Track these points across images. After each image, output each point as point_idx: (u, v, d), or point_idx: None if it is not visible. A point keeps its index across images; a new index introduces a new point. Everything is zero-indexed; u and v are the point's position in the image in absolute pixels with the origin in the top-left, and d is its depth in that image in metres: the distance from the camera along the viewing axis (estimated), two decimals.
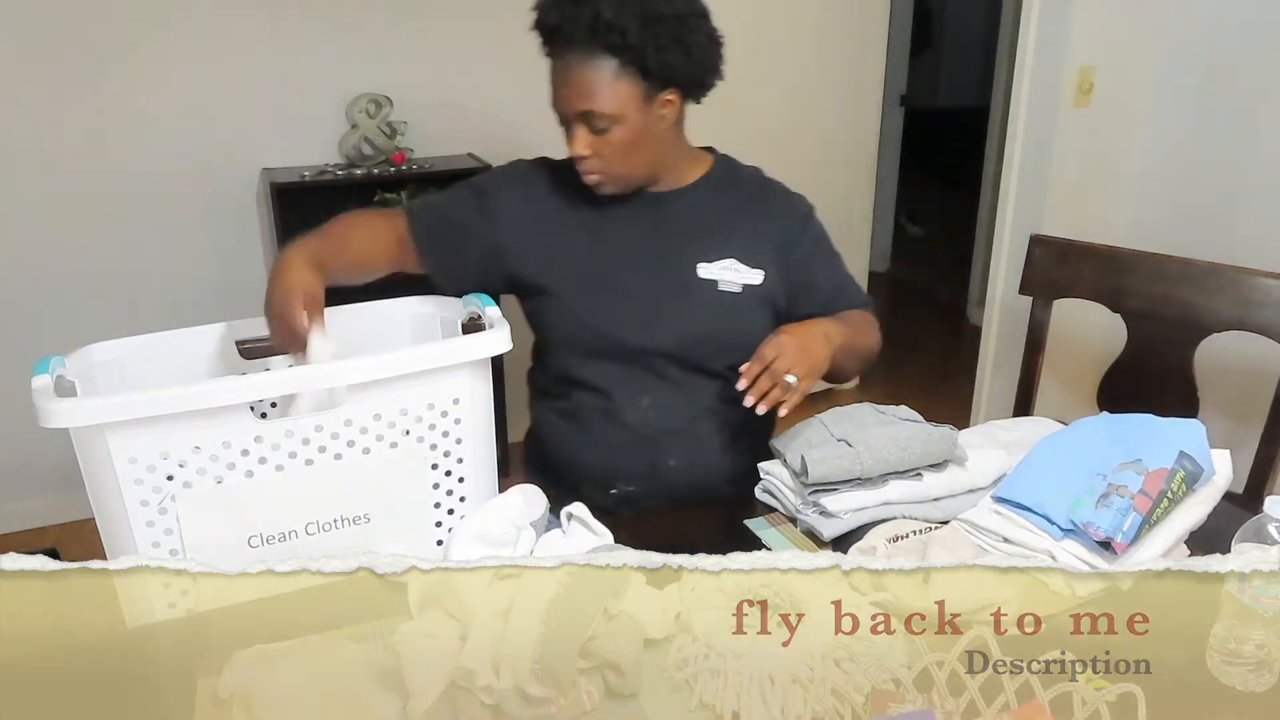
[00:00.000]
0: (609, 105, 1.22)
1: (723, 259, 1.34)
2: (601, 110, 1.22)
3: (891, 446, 1.21)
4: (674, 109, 1.28)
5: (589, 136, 1.25)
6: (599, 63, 1.21)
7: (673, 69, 1.23)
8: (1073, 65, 2.62)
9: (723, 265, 1.33)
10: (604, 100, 1.22)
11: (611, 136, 1.24)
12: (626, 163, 1.28)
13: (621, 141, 1.25)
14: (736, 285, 1.33)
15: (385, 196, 2.75)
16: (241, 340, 1.29)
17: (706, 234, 1.36)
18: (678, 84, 1.26)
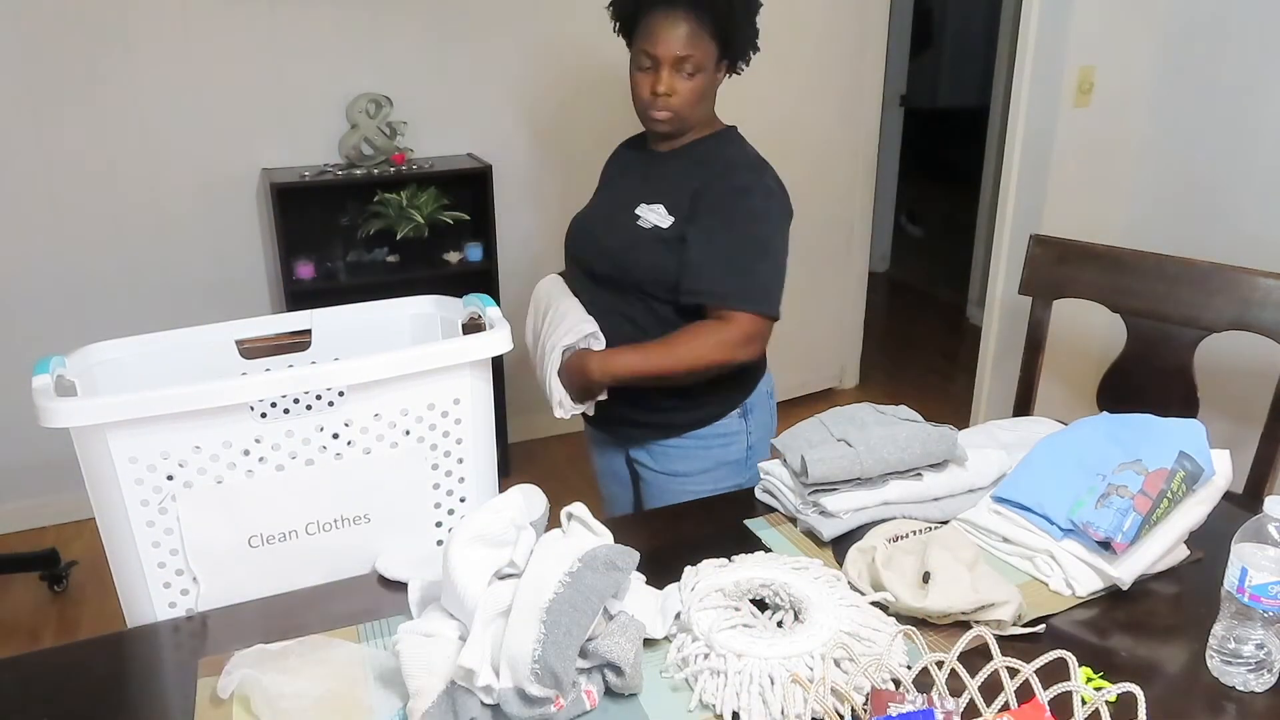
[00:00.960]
0: (701, 55, 1.46)
1: (656, 204, 1.53)
2: (695, 58, 1.45)
3: (891, 446, 1.21)
4: (720, 78, 1.53)
5: (674, 78, 1.47)
6: (702, 19, 1.44)
7: (741, 43, 1.50)
8: (1072, 65, 2.62)
9: (651, 208, 1.52)
10: (699, 50, 1.45)
11: (692, 83, 1.47)
12: (691, 107, 1.50)
13: (695, 88, 1.48)
14: (649, 224, 1.52)
15: (385, 197, 2.75)
16: (242, 340, 1.30)
17: (660, 182, 1.56)
18: (735, 57, 1.52)
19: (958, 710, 0.82)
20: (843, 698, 0.86)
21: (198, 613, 1.11)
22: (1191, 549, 1.15)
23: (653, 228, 1.51)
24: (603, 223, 1.62)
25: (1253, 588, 0.93)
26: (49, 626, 2.40)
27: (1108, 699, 0.78)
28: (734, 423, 1.57)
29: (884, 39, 3.41)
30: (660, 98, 1.49)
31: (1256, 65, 2.42)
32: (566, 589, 0.92)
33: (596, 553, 0.96)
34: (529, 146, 2.99)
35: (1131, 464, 1.10)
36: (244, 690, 0.93)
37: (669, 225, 1.50)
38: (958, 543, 1.10)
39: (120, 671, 1.04)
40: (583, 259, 1.62)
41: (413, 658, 0.93)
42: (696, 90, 1.49)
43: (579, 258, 1.64)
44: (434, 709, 0.87)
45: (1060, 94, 2.65)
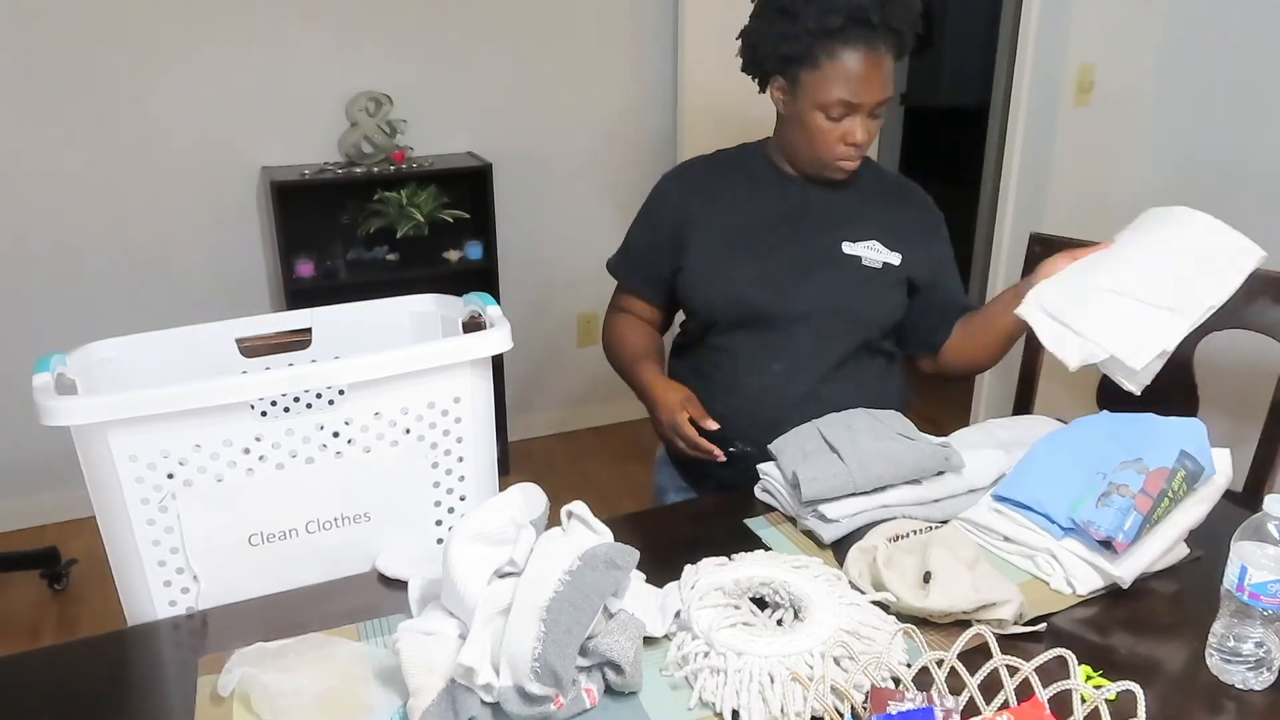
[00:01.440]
0: (890, 92, 1.35)
1: (866, 240, 1.43)
2: (887, 97, 1.34)
3: (885, 463, 1.20)
4: None
5: (870, 123, 1.37)
6: (890, 55, 1.33)
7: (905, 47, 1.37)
8: (1073, 64, 2.62)
9: (866, 245, 1.43)
10: (891, 88, 1.35)
11: (879, 120, 1.38)
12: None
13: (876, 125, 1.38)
14: (878, 262, 1.43)
15: (385, 195, 2.75)
16: (242, 338, 1.30)
17: (850, 217, 1.45)
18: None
19: (957, 708, 0.82)
20: (842, 696, 0.86)
21: (198, 611, 1.11)
22: (1191, 547, 1.16)
23: (884, 266, 1.44)
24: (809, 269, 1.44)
25: (1252, 586, 0.93)
26: (49, 625, 2.40)
27: (1107, 697, 0.78)
28: None
29: None
30: (856, 147, 1.37)
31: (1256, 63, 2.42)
32: (566, 587, 0.92)
33: (596, 551, 0.96)
34: (529, 144, 2.99)
35: (1133, 463, 1.10)
36: (244, 688, 0.93)
37: (900, 261, 1.45)
38: (958, 542, 1.11)
39: (120, 670, 1.04)
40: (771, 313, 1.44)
41: (413, 656, 0.93)
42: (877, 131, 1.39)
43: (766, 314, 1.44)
44: (434, 707, 0.87)
45: (1060, 93, 2.65)
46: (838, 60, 1.31)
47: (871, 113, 1.36)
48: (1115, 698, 0.79)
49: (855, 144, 1.36)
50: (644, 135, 3.13)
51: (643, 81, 3.09)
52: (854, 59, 1.31)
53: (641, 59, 3.07)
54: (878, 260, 1.43)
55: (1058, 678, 0.82)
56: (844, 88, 1.32)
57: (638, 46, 3.05)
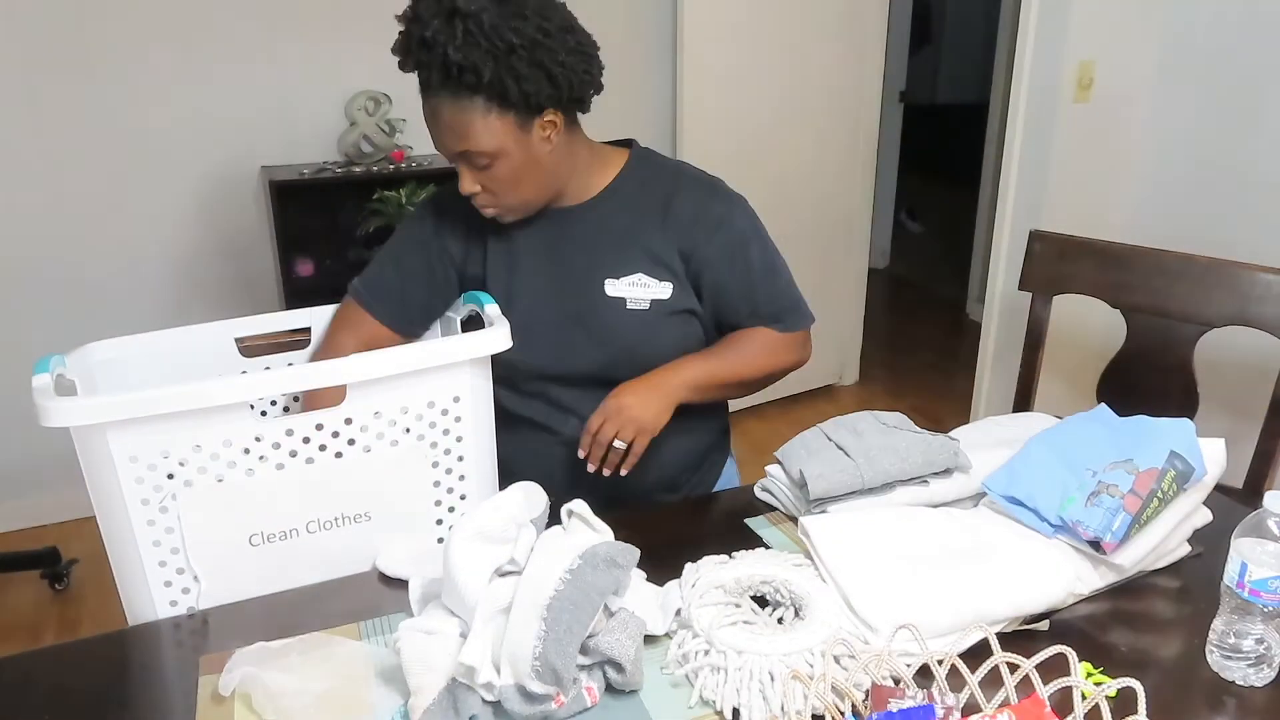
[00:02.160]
0: (485, 143, 1.19)
1: (630, 274, 1.31)
2: (478, 149, 1.20)
3: (891, 457, 1.19)
4: (556, 129, 1.24)
5: (474, 174, 1.24)
6: (464, 103, 1.18)
7: (539, 95, 1.18)
8: (1072, 60, 2.62)
9: (630, 281, 1.31)
10: (478, 139, 1.19)
11: (496, 171, 1.22)
12: (517, 193, 1.26)
13: (507, 174, 1.23)
14: (644, 302, 1.31)
15: (384, 194, 2.75)
16: (241, 338, 1.30)
17: (613, 248, 1.32)
18: (550, 105, 1.21)
19: (958, 706, 0.82)
20: (843, 694, 0.86)
21: (199, 611, 1.11)
22: (1191, 544, 1.16)
23: (652, 304, 1.31)
24: (564, 325, 1.33)
25: (1252, 583, 0.93)
26: (50, 625, 2.40)
27: (1108, 694, 0.78)
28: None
29: (883, 35, 3.40)
30: (474, 197, 1.26)
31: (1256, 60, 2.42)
32: (567, 586, 0.92)
33: (597, 550, 0.96)
34: None
35: (1123, 463, 1.10)
36: (245, 688, 0.93)
37: (670, 294, 1.31)
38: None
39: (121, 670, 1.04)
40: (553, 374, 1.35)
41: (414, 655, 0.93)
42: (509, 177, 1.23)
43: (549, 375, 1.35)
44: (435, 706, 0.88)
45: (1060, 89, 2.65)
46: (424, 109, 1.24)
47: (472, 163, 1.22)
48: (1116, 694, 0.79)
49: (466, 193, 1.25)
50: (643, 135, 3.12)
51: (642, 81, 3.09)
52: (425, 108, 1.23)
53: (641, 59, 3.06)
54: (644, 299, 1.30)
55: (1058, 675, 0.82)
56: (430, 135, 1.24)
57: (637, 47, 3.05)
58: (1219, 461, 1.13)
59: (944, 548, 1.09)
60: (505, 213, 1.29)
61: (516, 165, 1.22)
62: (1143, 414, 1.19)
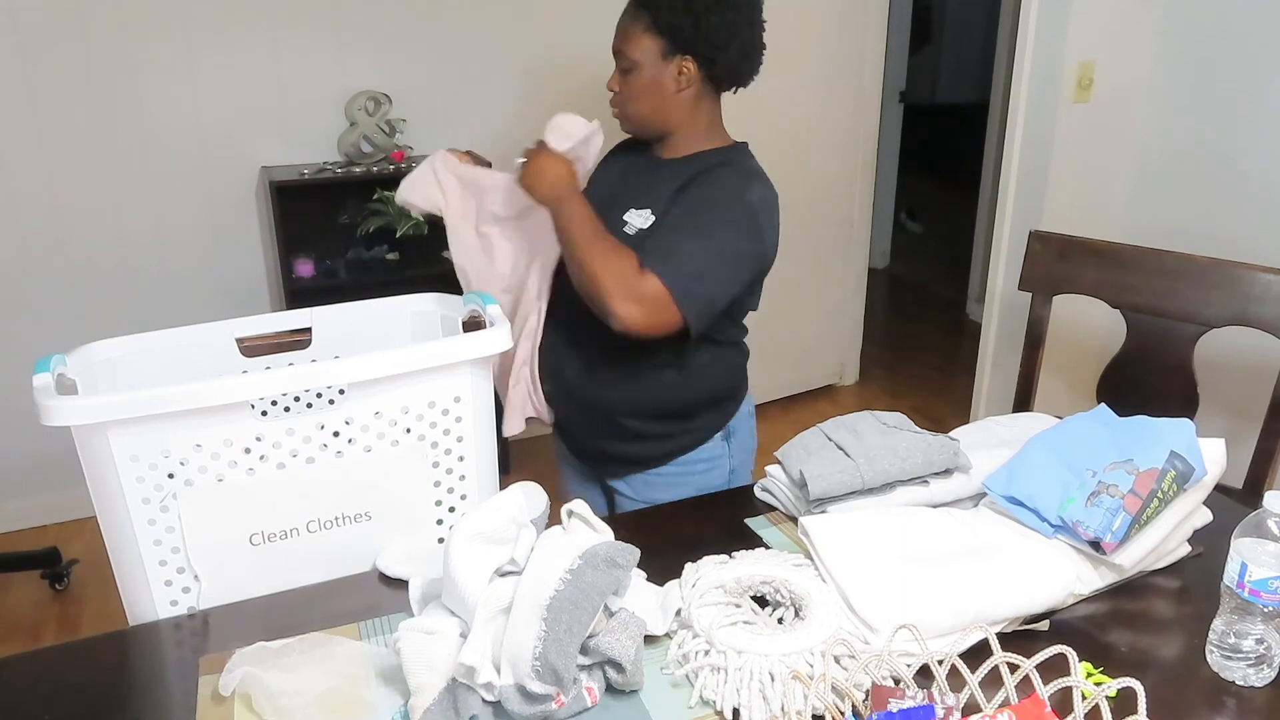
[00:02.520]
0: (633, 51, 1.43)
1: (645, 208, 1.47)
2: (627, 54, 1.44)
3: (891, 457, 1.19)
4: (690, 77, 1.44)
5: (618, 74, 1.47)
6: (638, 15, 1.43)
7: (679, 31, 1.40)
8: (1072, 61, 2.62)
9: (640, 212, 1.47)
10: (631, 46, 1.43)
11: (631, 80, 1.45)
12: (635, 105, 1.47)
13: (635, 85, 1.45)
14: (634, 229, 1.46)
15: (384, 194, 2.75)
16: (242, 338, 1.30)
17: (649, 189, 1.49)
18: (689, 50, 1.42)
19: (958, 706, 0.82)
20: (843, 694, 0.86)
21: (199, 611, 1.11)
22: (1191, 544, 1.16)
23: (636, 233, 1.45)
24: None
25: (1252, 583, 0.93)
26: (50, 625, 2.40)
27: (1108, 694, 0.78)
28: (717, 447, 1.54)
29: (883, 35, 3.40)
30: (612, 95, 1.50)
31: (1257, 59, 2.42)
32: (567, 586, 0.92)
33: (597, 550, 0.96)
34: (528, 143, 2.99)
35: (1123, 463, 1.10)
36: (245, 688, 0.93)
37: (649, 226, 1.45)
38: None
39: (122, 670, 1.04)
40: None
41: (414, 655, 0.93)
42: (637, 89, 1.46)
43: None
44: (435, 706, 0.88)
45: (1060, 89, 2.65)
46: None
47: (620, 65, 1.46)
48: (1115, 694, 0.79)
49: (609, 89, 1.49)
50: None
51: None
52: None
53: None
54: (635, 228, 1.45)
55: (1058, 675, 0.82)
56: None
57: None
58: (1219, 461, 1.13)
59: (944, 547, 1.09)
60: (623, 119, 1.51)
61: (645, 82, 1.45)
62: (1143, 414, 1.19)
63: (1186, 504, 1.12)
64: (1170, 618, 1.07)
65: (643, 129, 1.52)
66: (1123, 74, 2.67)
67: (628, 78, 1.46)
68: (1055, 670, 0.82)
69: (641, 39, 1.43)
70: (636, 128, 1.52)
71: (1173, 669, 0.99)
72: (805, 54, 3.18)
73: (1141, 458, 1.09)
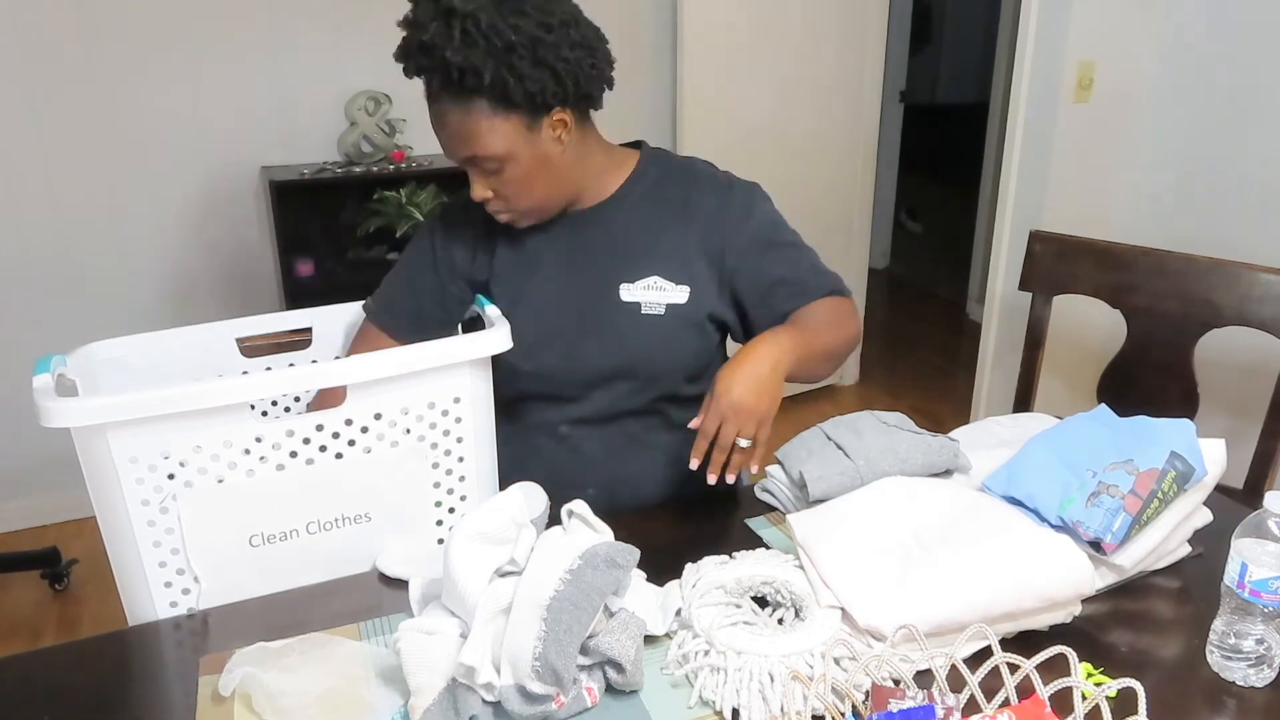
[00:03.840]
0: (492, 147, 1.16)
1: (646, 277, 1.27)
2: (487, 153, 1.16)
3: (891, 458, 1.19)
4: (567, 127, 1.20)
5: (485, 179, 1.21)
6: (468, 107, 1.15)
7: (544, 93, 1.14)
8: (1072, 60, 2.62)
9: (645, 285, 1.27)
10: (486, 143, 1.16)
11: (506, 175, 1.19)
12: (530, 196, 1.22)
13: (518, 177, 1.19)
14: (660, 307, 1.27)
15: (384, 195, 2.75)
16: (242, 338, 1.30)
17: (628, 251, 1.29)
18: (557, 104, 1.17)
19: (958, 706, 0.82)
20: (843, 696, 0.86)
21: (199, 611, 1.11)
22: (1191, 544, 1.16)
23: (668, 309, 1.26)
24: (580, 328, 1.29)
25: (1253, 583, 0.93)
26: (50, 625, 2.40)
27: (1108, 694, 0.78)
28: None
29: (883, 35, 3.40)
30: (487, 203, 1.23)
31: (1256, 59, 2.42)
32: (567, 586, 0.92)
33: (597, 550, 0.96)
34: None
35: (1123, 463, 1.10)
36: (245, 688, 0.93)
37: (687, 298, 1.26)
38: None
39: (121, 670, 1.04)
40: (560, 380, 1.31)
41: (414, 655, 0.93)
42: (521, 180, 1.19)
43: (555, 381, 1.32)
44: (435, 706, 0.88)
45: (1060, 89, 2.65)
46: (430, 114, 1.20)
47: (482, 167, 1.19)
48: (1116, 695, 0.79)
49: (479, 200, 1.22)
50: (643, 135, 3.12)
51: (642, 81, 3.09)
52: (431, 113, 1.19)
53: (641, 58, 3.07)
54: (659, 304, 1.26)
55: (1059, 675, 0.82)
56: (438, 141, 1.21)
57: (637, 46, 3.05)
58: (1219, 462, 1.13)
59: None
60: (520, 218, 1.26)
61: (527, 167, 1.19)
62: (1143, 414, 1.19)
63: (1187, 504, 1.12)
64: (1170, 618, 1.07)
65: (551, 210, 1.27)
66: (1123, 74, 2.67)
67: (500, 175, 1.19)
68: (1055, 670, 0.82)
69: (494, 126, 1.15)
70: (541, 216, 1.27)
71: (1173, 669, 0.99)
72: (806, 53, 3.18)
73: (1141, 458, 1.09)
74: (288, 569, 1.13)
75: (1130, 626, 1.04)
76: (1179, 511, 1.11)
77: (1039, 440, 1.22)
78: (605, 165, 1.30)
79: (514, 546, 0.99)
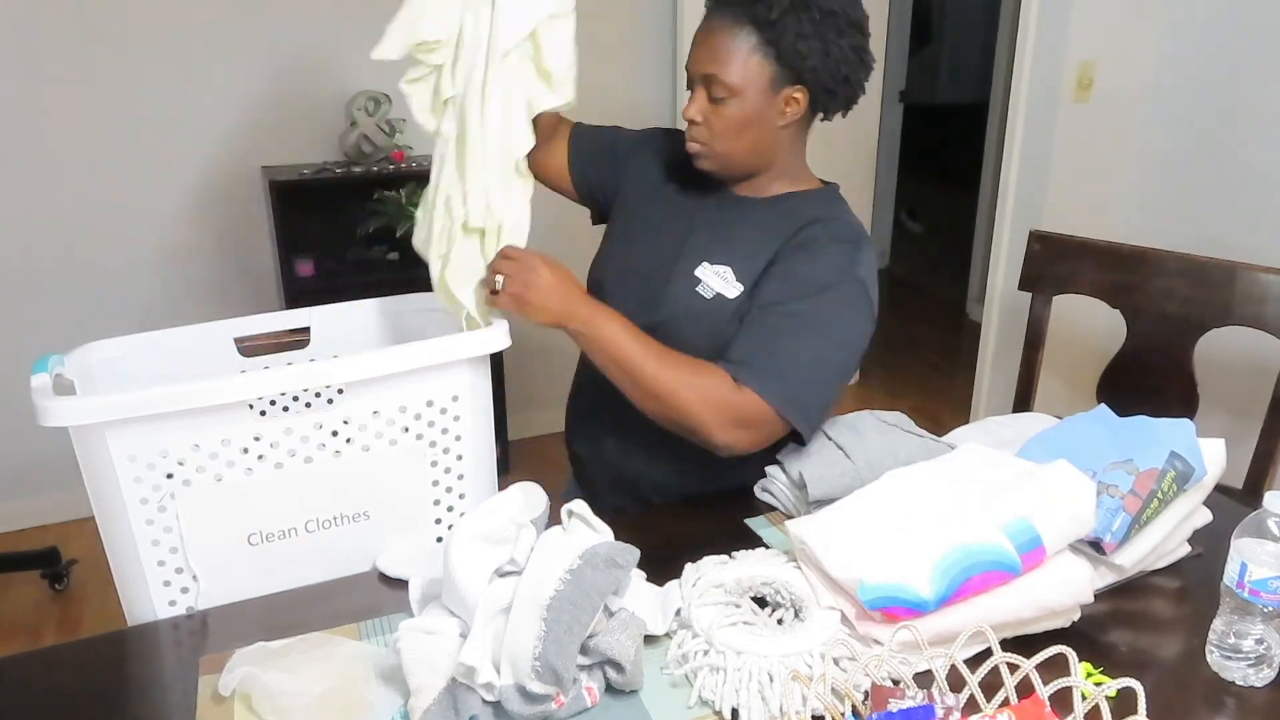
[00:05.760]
0: (734, 76, 1.18)
1: (723, 264, 1.27)
2: (725, 79, 1.18)
3: (891, 460, 1.19)
4: (797, 110, 1.22)
5: (705, 103, 1.22)
6: (740, 32, 1.17)
7: (804, 61, 1.17)
8: (1072, 60, 2.62)
9: (717, 269, 1.27)
10: (731, 70, 1.18)
11: (725, 109, 1.20)
12: (729, 141, 1.23)
13: (734, 118, 1.21)
14: (711, 291, 1.26)
15: (384, 194, 2.75)
16: (241, 338, 1.30)
17: (729, 239, 1.29)
18: (807, 81, 1.19)
19: (958, 706, 0.82)
20: (842, 696, 0.86)
21: (198, 611, 1.11)
22: (1191, 544, 1.16)
23: (715, 297, 1.25)
24: (656, 279, 1.31)
25: (1252, 583, 0.93)
26: (49, 625, 2.40)
27: (1108, 694, 0.78)
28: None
29: (883, 35, 3.41)
30: (691, 126, 1.24)
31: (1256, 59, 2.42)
32: (567, 586, 0.92)
33: (597, 550, 0.96)
34: None
35: (1123, 463, 1.10)
36: (245, 688, 0.93)
37: (736, 296, 1.25)
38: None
39: (121, 670, 1.04)
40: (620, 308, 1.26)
41: (414, 655, 0.93)
42: (733, 122, 1.20)
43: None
44: (435, 706, 0.87)
45: (1060, 89, 2.65)
46: (701, 24, 1.23)
47: (711, 91, 1.20)
48: (1116, 695, 0.79)
49: (688, 118, 1.24)
50: None
51: (642, 81, 3.09)
52: (702, 23, 1.22)
53: (641, 59, 3.06)
54: (711, 289, 1.26)
55: (1058, 675, 0.81)
56: (690, 51, 1.24)
57: (637, 47, 3.05)
58: (1219, 462, 1.13)
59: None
60: (706, 155, 1.25)
61: (747, 115, 1.20)
62: (1143, 414, 1.19)
63: (1186, 504, 1.12)
64: (1170, 618, 1.07)
65: (729, 169, 1.27)
66: (1123, 74, 2.67)
67: (720, 107, 1.20)
68: (1055, 670, 0.82)
69: (748, 62, 1.17)
70: (721, 167, 1.27)
71: (1173, 669, 0.99)
72: None
73: (1141, 458, 1.09)
74: (287, 568, 1.13)
75: (1130, 626, 1.04)
76: (1179, 511, 1.11)
77: (1039, 440, 1.22)
78: (792, 171, 1.32)
79: (514, 546, 0.99)
